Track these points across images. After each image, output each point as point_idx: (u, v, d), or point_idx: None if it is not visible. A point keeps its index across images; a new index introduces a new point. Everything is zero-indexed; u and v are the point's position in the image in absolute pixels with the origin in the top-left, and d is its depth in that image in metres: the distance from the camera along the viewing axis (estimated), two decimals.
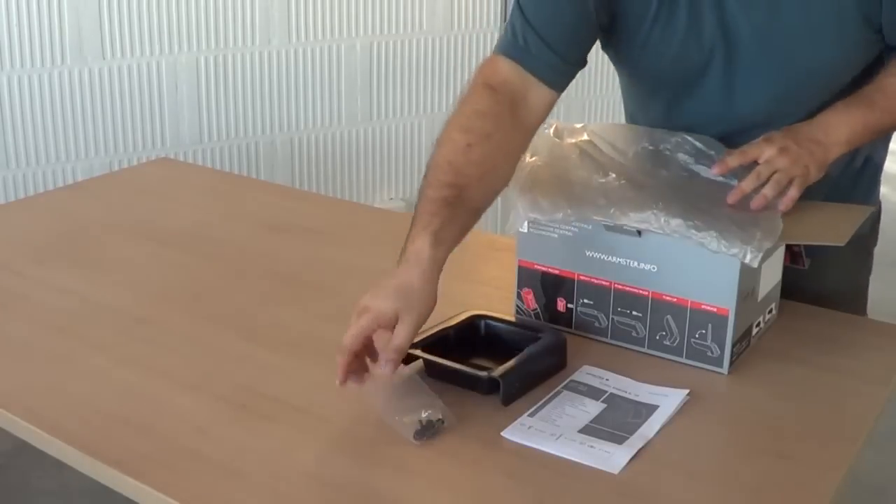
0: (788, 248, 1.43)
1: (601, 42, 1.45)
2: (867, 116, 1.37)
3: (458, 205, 1.24)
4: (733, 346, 1.31)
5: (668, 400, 1.25)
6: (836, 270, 1.53)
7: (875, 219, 1.60)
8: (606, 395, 1.27)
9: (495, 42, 1.41)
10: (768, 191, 1.31)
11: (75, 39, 2.77)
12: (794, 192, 1.31)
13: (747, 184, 1.32)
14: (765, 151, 1.33)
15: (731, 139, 1.41)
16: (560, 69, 1.36)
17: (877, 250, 1.64)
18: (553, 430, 1.18)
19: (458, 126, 1.28)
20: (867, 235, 1.58)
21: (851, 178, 1.53)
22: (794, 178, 1.31)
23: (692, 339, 1.32)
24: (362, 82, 3.24)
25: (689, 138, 1.42)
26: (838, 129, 1.36)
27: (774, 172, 1.31)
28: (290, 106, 3.15)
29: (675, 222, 1.26)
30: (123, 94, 2.88)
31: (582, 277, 1.39)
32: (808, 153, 1.33)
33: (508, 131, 1.31)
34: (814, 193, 1.37)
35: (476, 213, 1.28)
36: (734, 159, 1.35)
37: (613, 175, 1.36)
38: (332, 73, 3.19)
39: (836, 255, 1.41)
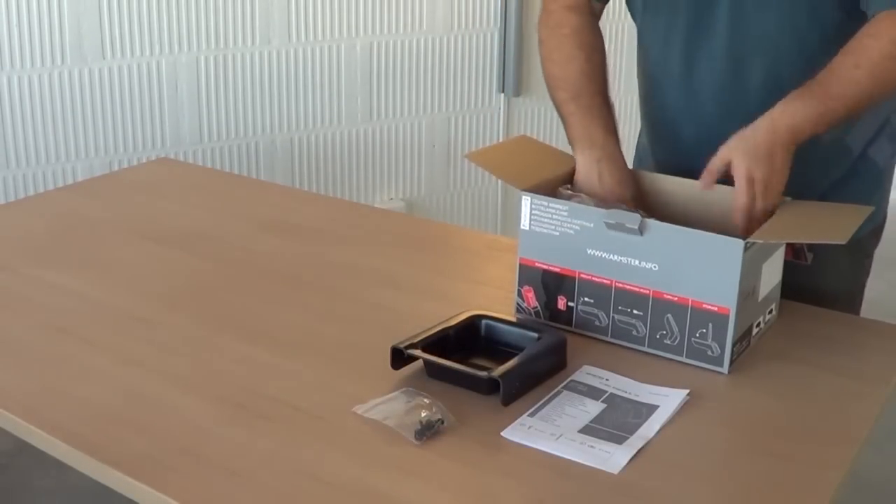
0: (790, 244, 1.43)
1: None
2: (819, 109, 1.37)
3: (602, 99, 1.57)
4: (733, 345, 1.31)
5: (668, 400, 1.25)
6: (833, 270, 1.53)
7: (878, 225, 1.60)
8: (606, 395, 1.27)
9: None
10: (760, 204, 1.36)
11: (75, 39, 2.77)
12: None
13: (741, 197, 1.36)
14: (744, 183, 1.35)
15: (740, 70, 1.50)
16: None
17: (877, 250, 1.63)
18: (553, 430, 1.18)
19: (573, 44, 1.61)
20: (865, 238, 1.57)
21: (845, 178, 1.53)
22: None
23: (693, 339, 1.32)
24: (362, 82, 3.24)
25: None
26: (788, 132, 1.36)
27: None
28: (290, 106, 3.15)
29: None
30: (123, 94, 2.88)
31: (583, 276, 1.39)
32: (777, 189, 1.37)
33: (595, 34, 1.65)
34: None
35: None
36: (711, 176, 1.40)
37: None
38: (332, 73, 3.19)
39: (834, 256, 1.41)
